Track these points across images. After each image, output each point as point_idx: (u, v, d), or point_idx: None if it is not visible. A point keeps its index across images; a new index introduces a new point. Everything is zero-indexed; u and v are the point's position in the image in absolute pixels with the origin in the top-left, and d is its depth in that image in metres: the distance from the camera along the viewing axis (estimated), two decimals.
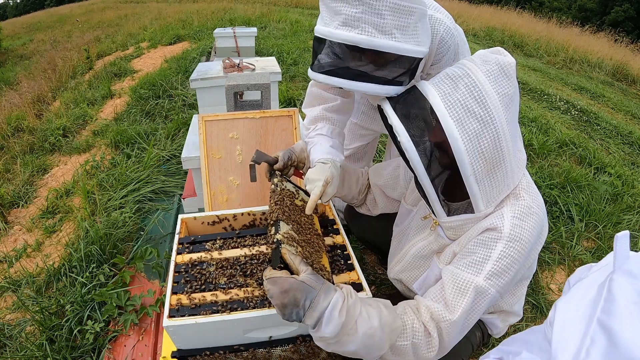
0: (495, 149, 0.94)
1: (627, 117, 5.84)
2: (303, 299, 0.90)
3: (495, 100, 0.92)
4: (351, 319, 0.91)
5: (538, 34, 10.21)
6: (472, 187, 0.96)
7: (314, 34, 1.16)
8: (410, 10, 1.06)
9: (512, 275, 0.99)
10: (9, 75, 9.35)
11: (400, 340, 0.95)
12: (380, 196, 1.48)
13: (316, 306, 0.90)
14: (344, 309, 0.91)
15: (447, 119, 0.92)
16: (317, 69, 1.17)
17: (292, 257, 0.95)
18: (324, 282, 0.95)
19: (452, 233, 1.10)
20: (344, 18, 1.05)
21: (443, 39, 1.35)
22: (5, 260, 2.39)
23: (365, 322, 0.92)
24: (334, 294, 0.93)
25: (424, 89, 0.98)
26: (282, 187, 1.28)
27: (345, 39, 1.06)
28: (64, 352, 1.63)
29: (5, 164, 3.67)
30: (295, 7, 12.97)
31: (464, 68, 0.97)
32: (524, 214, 1.00)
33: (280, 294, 0.90)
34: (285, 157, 1.38)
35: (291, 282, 0.90)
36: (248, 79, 2.20)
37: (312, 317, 0.91)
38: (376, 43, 1.04)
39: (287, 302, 0.90)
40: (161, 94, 4.38)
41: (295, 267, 0.94)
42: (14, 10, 49.46)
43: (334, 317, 0.90)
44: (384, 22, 1.04)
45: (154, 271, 1.97)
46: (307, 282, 0.91)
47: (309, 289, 0.91)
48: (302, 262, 0.95)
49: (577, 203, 2.76)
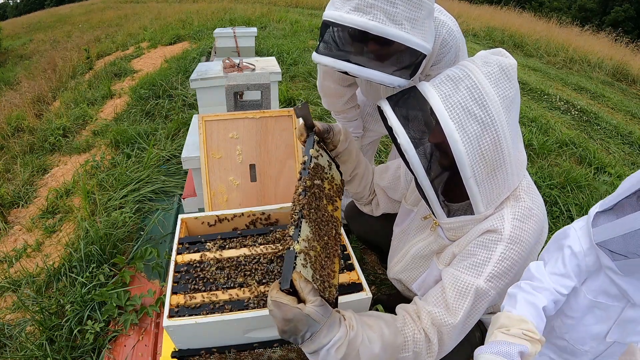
0: (496, 151, 0.94)
1: (627, 117, 5.83)
2: (304, 331, 0.86)
3: (496, 103, 0.92)
4: (353, 349, 0.88)
5: (538, 34, 10.20)
6: (472, 189, 0.96)
7: (323, 19, 1.16)
8: (421, 4, 1.08)
9: (512, 276, 0.99)
10: (9, 75, 9.35)
11: (402, 353, 0.94)
12: (382, 197, 1.48)
13: (315, 340, 0.87)
14: (344, 345, 0.88)
15: (448, 121, 0.91)
16: (324, 52, 1.18)
17: (302, 285, 0.87)
18: (331, 314, 0.89)
19: (452, 234, 1.10)
20: (357, 3, 1.06)
21: (445, 40, 1.36)
22: (5, 260, 2.39)
23: (367, 350, 0.89)
24: (337, 332, 0.88)
25: (424, 90, 0.98)
26: (316, 163, 1.13)
27: (357, 24, 1.06)
28: (64, 352, 1.63)
29: (5, 164, 3.67)
30: (295, 7, 12.96)
31: (465, 69, 0.96)
32: (524, 216, 0.99)
33: (282, 321, 0.86)
34: (325, 127, 1.24)
35: (295, 313, 0.85)
36: (248, 79, 2.20)
37: (310, 347, 0.88)
38: (386, 31, 1.05)
39: (287, 329, 0.86)
40: (161, 94, 4.38)
41: (304, 296, 0.87)
42: (14, 10, 49.43)
43: (331, 354, 0.87)
44: (396, 11, 1.05)
45: (154, 271, 1.97)
46: (311, 316, 0.85)
47: (313, 322, 0.86)
48: (311, 292, 0.87)
49: (577, 203, 2.76)
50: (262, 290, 1.13)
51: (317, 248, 0.99)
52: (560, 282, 0.95)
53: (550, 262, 0.98)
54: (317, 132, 1.20)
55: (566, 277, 0.95)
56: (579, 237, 0.94)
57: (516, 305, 0.91)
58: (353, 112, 1.88)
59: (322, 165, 1.16)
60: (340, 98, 1.79)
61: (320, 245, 1.02)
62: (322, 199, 1.10)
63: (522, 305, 0.91)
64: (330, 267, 1.02)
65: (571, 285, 0.95)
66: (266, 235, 1.31)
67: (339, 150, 1.29)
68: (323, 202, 1.10)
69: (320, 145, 1.20)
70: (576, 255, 0.94)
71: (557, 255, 0.98)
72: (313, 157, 1.11)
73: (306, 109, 1.17)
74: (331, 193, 1.17)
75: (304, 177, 1.05)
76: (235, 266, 1.19)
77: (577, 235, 0.95)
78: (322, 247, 1.02)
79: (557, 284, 0.94)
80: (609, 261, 0.86)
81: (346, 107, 1.84)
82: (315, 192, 1.07)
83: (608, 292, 0.92)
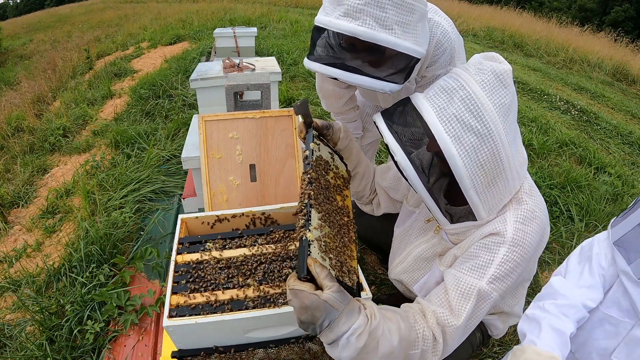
0: (495, 161, 0.93)
1: (627, 117, 5.83)
2: (322, 319, 0.84)
3: (492, 112, 0.91)
4: (373, 340, 0.87)
5: (538, 34, 10.19)
6: (473, 199, 0.96)
7: (314, 24, 1.15)
8: (412, 8, 1.06)
9: (515, 278, 0.99)
10: (9, 75, 9.35)
11: (412, 349, 0.94)
12: (383, 197, 1.48)
13: (334, 328, 0.85)
14: (365, 333, 0.86)
15: (443, 135, 0.90)
16: (314, 58, 1.17)
17: (317, 271, 0.85)
18: (349, 301, 0.87)
19: (455, 237, 1.10)
20: (346, 8, 1.04)
21: (439, 41, 1.34)
22: (5, 260, 2.39)
23: (387, 342, 0.88)
24: (357, 318, 0.86)
25: (418, 103, 0.96)
26: (317, 155, 1.12)
27: (346, 30, 1.05)
28: (64, 352, 1.63)
29: (5, 164, 3.67)
30: (295, 7, 12.96)
31: (459, 79, 0.95)
32: (526, 218, 0.99)
33: (300, 309, 0.84)
34: (324, 124, 1.25)
35: (312, 300, 0.83)
36: (248, 79, 2.20)
37: (328, 337, 0.86)
38: (376, 36, 1.04)
39: (304, 319, 0.84)
40: (161, 94, 4.38)
41: (320, 281, 0.85)
42: (14, 10, 49.42)
43: (351, 342, 0.85)
44: (386, 15, 1.03)
45: (154, 271, 1.97)
46: (329, 302, 0.83)
47: (331, 309, 0.84)
48: (327, 277, 0.85)
49: (577, 203, 2.76)
50: (263, 290, 1.13)
51: (330, 235, 0.98)
52: (589, 295, 0.92)
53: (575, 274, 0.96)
54: (315, 127, 1.20)
55: (595, 289, 0.92)
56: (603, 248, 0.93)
57: (540, 334, 0.87)
58: (352, 113, 1.88)
59: (324, 158, 1.16)
60: (339, 99, 1.79)
61: (334, 232, 1.00)
62: (328, 189, 1.10)
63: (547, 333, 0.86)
64: (346, 253, 1.00)
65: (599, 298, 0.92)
66: (266, 235, 1.31)
67: (339, 147, 1.29)
68: (330, 193, 1.10)
69: (320, 139, 1.20)
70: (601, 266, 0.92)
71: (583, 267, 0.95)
72: (314, 150, 1.11)
73: (305, 106, 1.17)
74: (338, 183, 1.16)
75: (307, 170, 1.04)
76: (235, 266, 1.19)
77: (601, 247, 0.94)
78: (335, 234, 1.01)
79: (585, 297, 0.91)
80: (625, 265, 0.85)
81: (345, 108, 1.84)
82: (321, 182, 1.06)
83: (620, 304, 0.90)
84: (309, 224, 0.92)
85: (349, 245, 1.04)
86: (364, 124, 1.98)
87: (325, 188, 1.07)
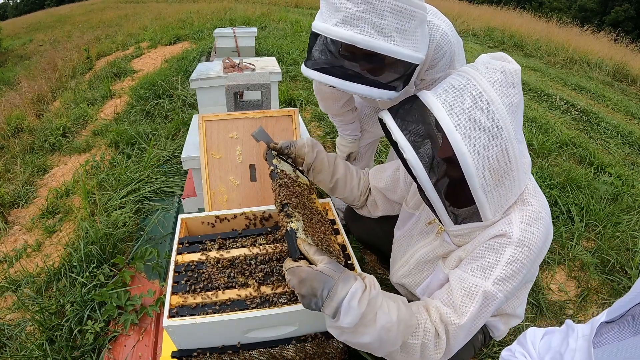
0: (503, 160, 0.92)
1: (627, 117, 5.84)
2: (320, 289, 0.88)
3: (503, 111, 0.90)
4: (372, 310, 0.89)
5: (538, 34, 10.20)
6: (480, 199, 0.95)
7: (311, 30, 1.13)
8: (412, 14, 1.03)
9: (520, 280, 0.99)
10: (9, 75, 9.35)
11: (412, 338, 0.94)
12: (380, 199, 1.47)
13: (334, 296, 0.88)
14: (365, 299, 0.89)
15: (454, 133, 0.89)
16: (311, 65, 1.16)
17: (307, 248, 0.94)
18: (343, 270, 0.92)
19: (459, 240, 1.09)
20: (344, 15, 1.02)
21: (439, 44, 1.32)
22: (5, 260, 2.39)
23: (385, 315, 0.90)
24: (353, 283, 0.90)
25: (428, 100, 0.95)
26: (281, 169, 1.26)
27: (343, 37, 1.03)
28: (64, 352, 1.63)
29: (5, 164, 3.66)
30: (295, 7, 12.96)
31: (469, 77, 0.94)
32: (532, 219, 0.99)
33: (298, 284, 0.89)
34: (285, 144, 1.36)
35: (308, 272, 0.89)
36: (248, 79, 2.20)
37: (331, 307, 0.88)
38: (374, 44, 1.02)
39: (304, 292, 0.88)
40: (161, 94, 4.38)
41: (311, 257, 0.92)
42: (14, 10, 49.41)
43: (353, 306, 0.87)
44: (385, 23, 1.01)
45: (154, 271, 1.97)
46: (324, 272, 0.89)
47: (326, 278, 0.88)
48: (317, 252, 0.93)
49: (577, 203, 2.76)
50: (263, 290, 1.13)
51: (310, 224, 1.12)
52: None
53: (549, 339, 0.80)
54: (273, 148, 1.35)
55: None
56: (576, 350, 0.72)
57: None
58: (350, 115, 1.87)
59: (286, 171, 1.30)
60: (337, 101, 1.78)
61: (313, 223, 1.15)
62: (302, 194, 1.25)
63: None
64: (328, 241, 1.11)
65: None
66: (266, 235, 1.31)
67: (308, 162, 1.37)
68: (303, 196, 1.25)
69: (280, 158, 1.36)
70: None
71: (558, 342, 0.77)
72: (277, 165, 1.28)
73: (262, 133, 1.35)
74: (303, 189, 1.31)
75: (276, 179, 1.22)
76: (235, 266, 1.19)
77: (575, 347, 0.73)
78: (315, 222, 1.17)
79: None
80: None
81: (343, 110, 1.83)
82: (290, 187, 1.22)
83: None
84: (291, 217, 1.05)
85: (329, 236, 1.18)
86: (362, 125, 1.98)
87: (296, 192, 1.22)
